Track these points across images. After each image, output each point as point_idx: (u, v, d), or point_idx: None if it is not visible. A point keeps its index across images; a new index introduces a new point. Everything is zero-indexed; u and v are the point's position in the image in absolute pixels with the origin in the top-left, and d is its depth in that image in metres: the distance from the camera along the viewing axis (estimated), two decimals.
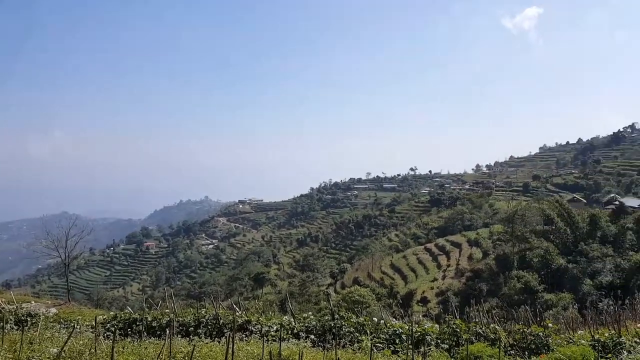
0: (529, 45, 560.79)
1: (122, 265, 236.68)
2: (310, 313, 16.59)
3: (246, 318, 14.65)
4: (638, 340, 9.87)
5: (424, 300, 68.70)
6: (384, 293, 72.15)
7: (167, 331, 12.23)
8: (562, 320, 15.48)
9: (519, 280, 56.00)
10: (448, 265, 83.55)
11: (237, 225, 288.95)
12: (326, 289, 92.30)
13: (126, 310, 17.79)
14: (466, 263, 79.84)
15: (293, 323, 14.42)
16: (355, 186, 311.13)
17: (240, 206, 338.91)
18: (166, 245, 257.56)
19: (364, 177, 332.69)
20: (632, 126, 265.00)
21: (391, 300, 64.95)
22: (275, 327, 13.57)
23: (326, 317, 14.51)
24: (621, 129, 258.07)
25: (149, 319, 14.93)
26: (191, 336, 12.90)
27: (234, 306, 16.97)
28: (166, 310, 15.92)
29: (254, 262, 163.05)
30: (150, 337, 12.68)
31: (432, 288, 72.67)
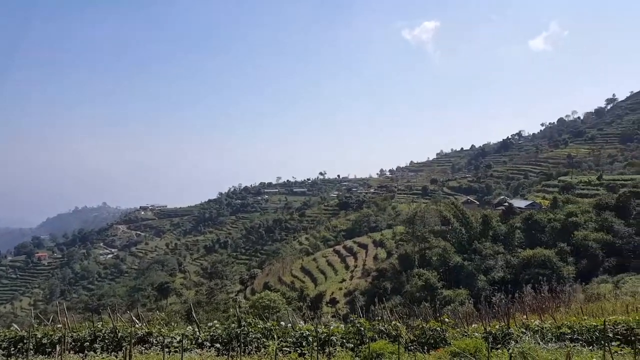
0: (427, 57, 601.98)
1: (9, 279, 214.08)
2: (216, 322, 16.00)
3: (147, 330, 13.74)
4: (524, 330, 10.72)
5: (333, 301, 69.85)
6: (294, 296, 72.28)
7: (58, 348, 11.14)
8: (459, 315, 16.42)
9: (420, 278, 58.79)
10: (355, 266, 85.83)
11: (138, 232, 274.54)
12: (235, 295, 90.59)
13: (12, 328, 15.90)
14: (372, 263, 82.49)
15: (197, 333, 13.80)
16: (265, 190, 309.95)
17: (142, 213, 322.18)
18: (60, 256, 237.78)
19: (274, 182, 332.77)
20: (519, 134, 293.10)
21: (301, 303, 65.23)
22: (178, 338, 12.87)
23: (233, 325, 14.06)
24: (509, 137, 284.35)
25: (39, 336, 13.46)
26: (86, 352, 11.87)
27: (134, 318, 15.86)
28: (59, 326, 14.45)
29: (158, 271, 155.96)
30: (38, 356, 11.52)
31: (340, 289, 74.11)
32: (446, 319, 11.85)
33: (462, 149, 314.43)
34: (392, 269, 69.31)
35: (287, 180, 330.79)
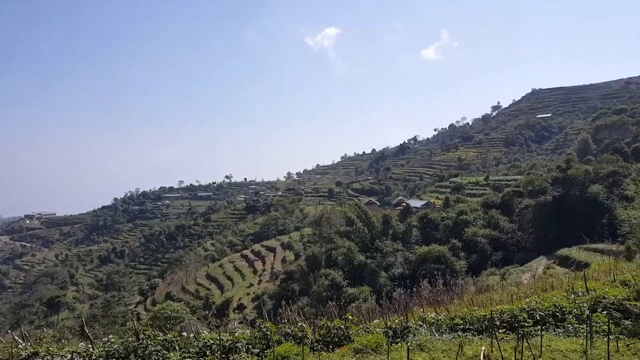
0: (329, 63, 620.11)
1: None
2: (111, 336, 14.86)
3: (32, 350, 12.34)
4: (422, 323, 11.29)
5: (241, 307, 68.79)
6: (199, 305, 70.07)
7: None
8: (363, 312, 16.85)
9: (326, 277, 59.95)
10: (264, 270, 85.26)
11: (23, 244, 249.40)
12: (135, 307, 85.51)
13: None
14: (280, 266, 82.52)
15: (91, 349, 12.67)
16: (166, 195, 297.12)
17: (28, 221, 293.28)
18: None
19: (176, 186, 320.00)
20: (414, 138, 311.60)
21: (207, 312, 63.38)
22: (68, 356, 11.72)
23: (130, 339, 13.13)
24: (406, 141, 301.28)
25: None
26: None
27: (16, 338, 14.19)
28: None
29: (47, 285, 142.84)
30: None
31: (248, 294, 73.18)
32: (350, 317, 12.10)
33: (364, 152, 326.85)
34: (300, 270, 69.83)
35: (191, 184, 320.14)
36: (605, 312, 11.65)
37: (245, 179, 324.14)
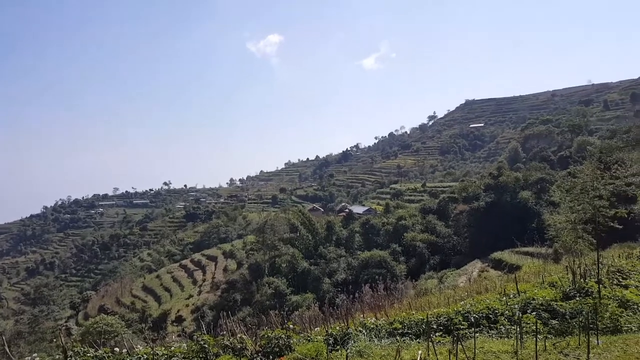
0: (272, 69, 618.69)
1: None
2: (35, 355, 13.84)
3: None
4: (362, 329, 11.36)
5: (180, 319, 66.64)
6: (135, 318, 67.34)
7: None
8: (306, 320, 16.75)
9: (269, 286, 59.34)
10: (204, 280, 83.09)
11: None
12: (65, 322, 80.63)
13: None
14: (222, 275, 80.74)
15: None
16: (100, 203, 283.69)
17: None
18: None
19: (111, 193, 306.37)
20: (357, 146, 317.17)
21: (143, 325, 60.90)
22: None
23: (58, 357, 12.28)
24: (349, 148, 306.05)
25: None
26: None
27: None
28: None
29: None
30: None
31: (187, 305, 71.02)
32: (291, 325, 11.96)
33: (308, 159, 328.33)
34: (242, 279, 68.66)
35: (127, 192, 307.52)
36: (534, 313, 12.25)
37: (185, 185, 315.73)
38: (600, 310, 12.38)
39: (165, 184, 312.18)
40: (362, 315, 13.59)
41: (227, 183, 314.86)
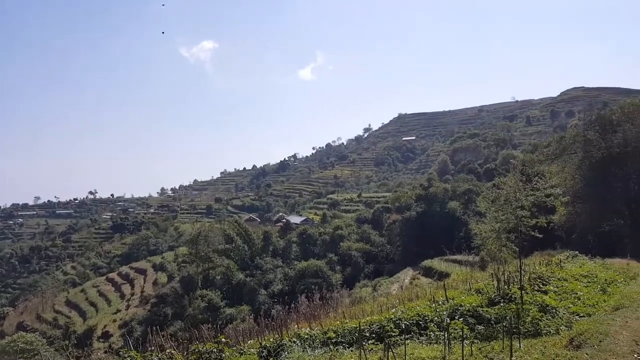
0: (206, 76, 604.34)
1: None
2: None
3: None
4: (295, 340, 11.24)
5: (106, 335, 63.44)
6: (58, 335, 63.37)
7: None
8: (240, 332, 16.37)
9: (202, 299, 57.71)
10: (132, 294, 79.56)
11: None
12: None
13: None
14: (151, 289, 77.70)
15: None
16: (20, 213, 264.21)
17: None
18: None
19: (31, 202, 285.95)
20: (294, 156, 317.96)
21: (67, 342, 57.05)
22: None
23: None
24: (286, 158, 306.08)
25: None
26: None
27: None
28: None
29: None
30: None
31: (114, 321, 67.74)
32: (223, 339, 11.62)
33: (244, 168, 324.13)
34: (173, 293, 66.38)
35: (49, 201, 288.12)
36: (462, 318, 12.71)
37: (112, 195, 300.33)
38: (523, 315, 13.07)
39: (90, 193, 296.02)
40: (297, 326, 13.48)
41: (157, 192, 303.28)
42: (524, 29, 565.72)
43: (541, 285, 17.16)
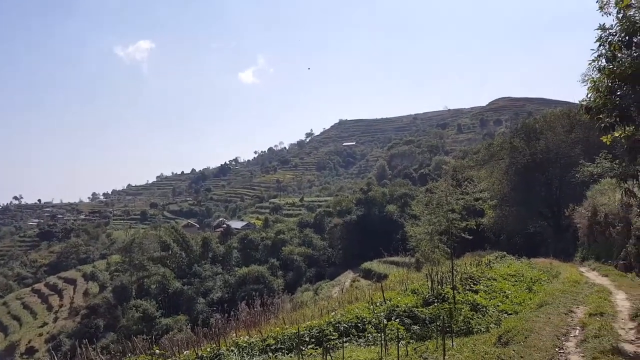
0: (142, 77, 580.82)
1: None
2: None
3: None
4: (234, 348, 11.09)
5: (31, 351, 59.90)
6: None
7: None
8: (177, 343, 15.91)
9: (137, 309, 55.61)
10: (61, 306, 75.33)
11: None
12: None
13: None
14: (82, 300, 73.94)
15: None
16: None
17: None
18: None
19: None
20: (236, 160, 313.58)
21: None
22: None
23: None
24: (227, 162, 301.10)
25: None
26: None
27: None
28: None
29: None
30: None
31: (41, 335, 64.04)
32: (157, 350, 11.26)
33: (183, 172, 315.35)
34: (106, 303, 63.57)
35: None
36: (398, 319, 13.07)
37: (39, 200, 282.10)
38: (455, 314, 13.64)
39: (15, 198, 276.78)
40: (235, 334, 13.30)
41: (89, 198, 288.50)
42: (456, 41, 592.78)
43: (472, 285, 17.97)
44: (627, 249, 20.57)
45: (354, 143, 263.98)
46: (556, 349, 9.32)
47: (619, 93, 9.56)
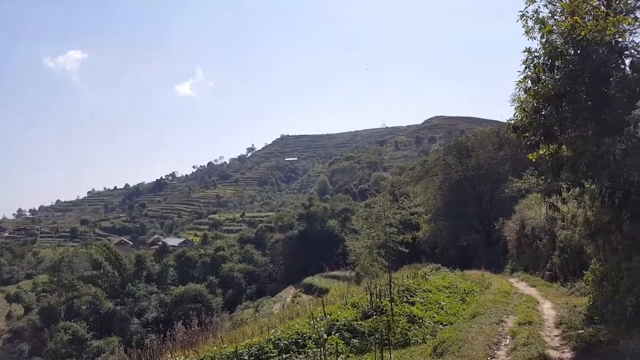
0: (73, 88, 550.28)
1: None
2: None
3: None
4: None
5: None
6: None
7: None
8: None
9: (66, 331, 52.58)
10: None
11: None
12: None
13: None
14: (4, 323, 68.93)
15: None
16: None
17: None
18: None
19: None
20: (173, 174, 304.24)
21: None
22: None
23: None
24: (163, 177, 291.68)
25: None
26: None
27: None
28: None
29: None
30: None
31: None
32: None
33: (116, 187, 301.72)
34: (31, 326, 59.68)
35: None
36: (338, 333, 13.19)
37: None
38: (393, 327, 13.96)
39: None
40: (171, 355, 12.87)
41: (14, 214, 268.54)
42: (392, 61, 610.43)
43: (409, 297, 18.45)
44: (552, 260, 21.59)
45: (295, 158, 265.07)
46: (488, 358, 9.67)
47: (543, 113, 9.92)
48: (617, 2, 9.51)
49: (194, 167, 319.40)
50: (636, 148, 7.20)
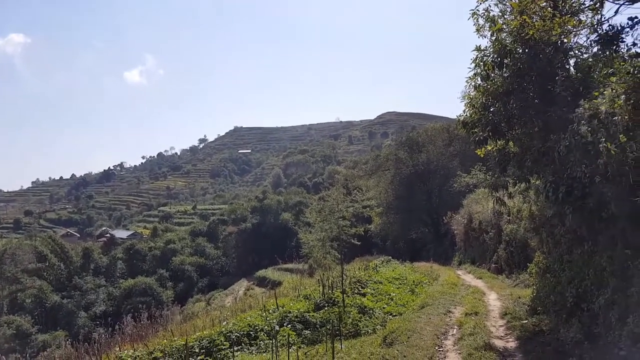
0: (15, 73, 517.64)
1: None
2: None
3: None
4: None
5: None
6: None
7: None
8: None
9: (9, 326, 50.13)
10: None
11: None
12: None
13: None
14: None
15: None
16: None
17: None
18: None
19: None
20: (121, 165, 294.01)
21: None
22: None
23: None
24: (111, 167, 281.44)
25: None
26: None
27: None
28: None
29: None
30: None
31: None
32: None
33: (61, 177, 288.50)
34: None
35: None
36: (290, 325, 13.31)
37: None
38: (344, 317, 14.23)
39: None
40: (119, 349, 12.59)
41: None
42: (347, 55, 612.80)
43: (360, 289, 18.84)
44: (498, 253, 22.31)
45: (249, 151, 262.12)
46: (436, 348, 10.01)
47: (491, 109, 10.09)
48: (562, 3, 9.66)
49: (143, 157, 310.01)
50: (579, 145, 7.41)
